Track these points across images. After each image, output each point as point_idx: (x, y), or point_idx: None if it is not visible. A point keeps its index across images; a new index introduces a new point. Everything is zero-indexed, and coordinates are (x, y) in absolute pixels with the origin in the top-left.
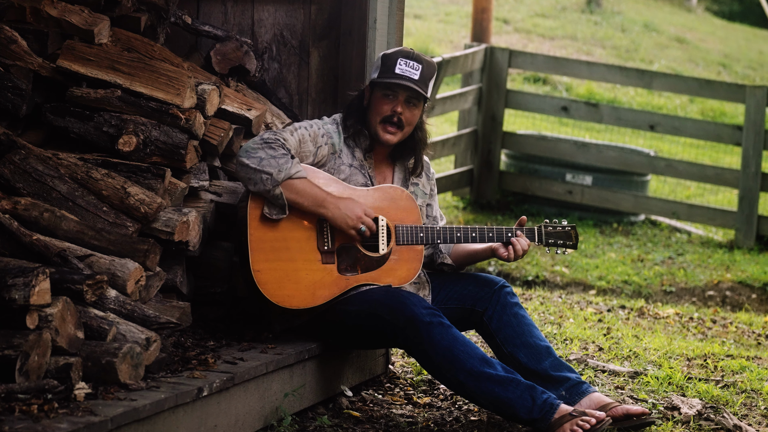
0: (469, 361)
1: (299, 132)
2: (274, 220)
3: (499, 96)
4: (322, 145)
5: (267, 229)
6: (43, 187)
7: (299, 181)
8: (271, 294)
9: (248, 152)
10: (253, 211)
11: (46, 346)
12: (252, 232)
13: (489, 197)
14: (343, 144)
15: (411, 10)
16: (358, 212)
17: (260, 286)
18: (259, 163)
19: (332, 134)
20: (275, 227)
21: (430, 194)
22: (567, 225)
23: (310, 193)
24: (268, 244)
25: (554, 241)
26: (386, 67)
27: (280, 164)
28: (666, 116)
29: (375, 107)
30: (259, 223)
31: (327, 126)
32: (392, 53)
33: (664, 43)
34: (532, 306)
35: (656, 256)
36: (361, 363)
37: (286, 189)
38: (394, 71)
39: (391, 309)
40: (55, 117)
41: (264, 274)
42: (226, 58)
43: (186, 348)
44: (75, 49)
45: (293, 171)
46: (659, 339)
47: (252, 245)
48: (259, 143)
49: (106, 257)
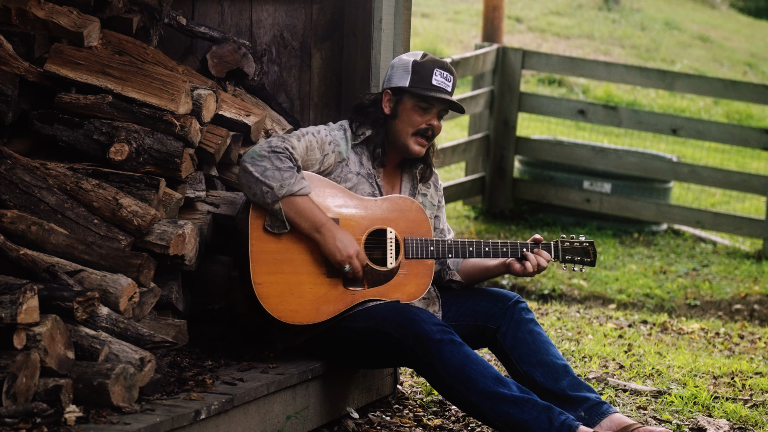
0: (482, 381)
1: (306, 138)
2: (276, 233)
3: (512, 99)
4: (329, 152)
5: (269, 240)
6: (31, 198)
7: (301, 199)
8: (272, 309)
9: (253, 159)
10: (254, 222)
11: (34, 367)
12: (253, 242)
13: (502, 206)
14: (351, 151)
15: (418, 8)
16: (351, 251)
17: (261, 300)
18: (263, 173)
19: (339, 141)
20: (278, 238)
21: (438, 206)
22: (585, 241)
23: (310, 216)
24: (270, 256)
25: (571, 258)
26: (420, 77)
27: (284, 178)
28: (689, 119)
29: (406, 118)
30: (261, 233)
31: (334, 132)
32: (426, 62)
33: (687, 41)
34: (548, 322)
35: (679, 268)
36: (368, 383)
37: (287, 206)
38: (430, 82)
39: (399, 326)
40: (43, 125)
41: (266, 287)
42: (223, 61)
43: (182, 368)
44: (63, 52)
45: (296, 188)
46: (683, 356)
47: (253, 257)
48: (266, 150)
49: (98, 273)
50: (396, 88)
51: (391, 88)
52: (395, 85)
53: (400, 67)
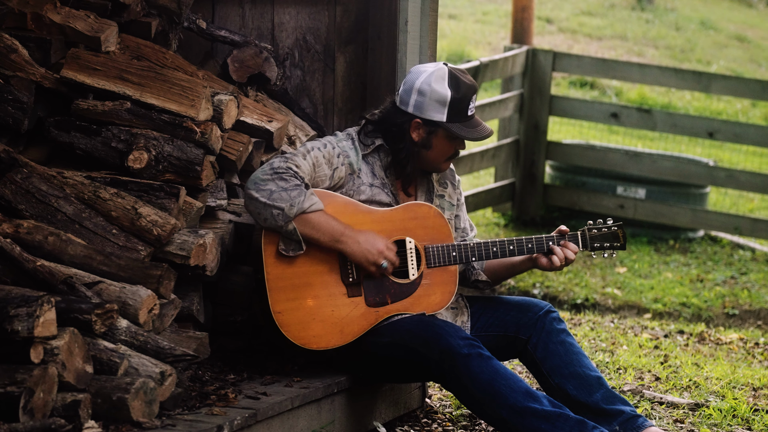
0: (512, 396)
1: (312, 155)
2: (291, 256)
3: (542, 102)
4: (338, 166)
5: (285, 265)
6: (48, 208)
7: (314, 214)
8: (295, 336)
9: (257, 184)
10: (268, 248)
11: (52, 381)
12: (269, 270)
13: (533, 213)
14: (362, 161)
15: (445, 9)
16: (380, 246)
17: (283, 329)
18: (270, 197)
19: (348, 152)
20: (293, 262)
21: (458, 204)
22: (612, 224)
23: (327, 228)
24: (287, 282)
25: (600, 245)
26: (456, 112)
27: (293, 197)
28: (726, 122)
29: (440, 149)
30: (276, 259)
31: (342, 143)
32: (463, 96)
33: (723, 42)
34: (581, 332)
35: (717, 276)
36: (395, 396)
37: (300, 224)
38: (466, 114)
39: (425, 341)
40: (60, 132)
41: (286, 315)
42: (244, 65)
43: (204, 382)
44: (80, 57)
45: (306, 205)
46: (722, 367)
47: (270, 285)
48: (269, 173)
49: (116, 284)
50: (430, 120)
51: (422, 119)
52: (429, 117)
53: (434, 99)
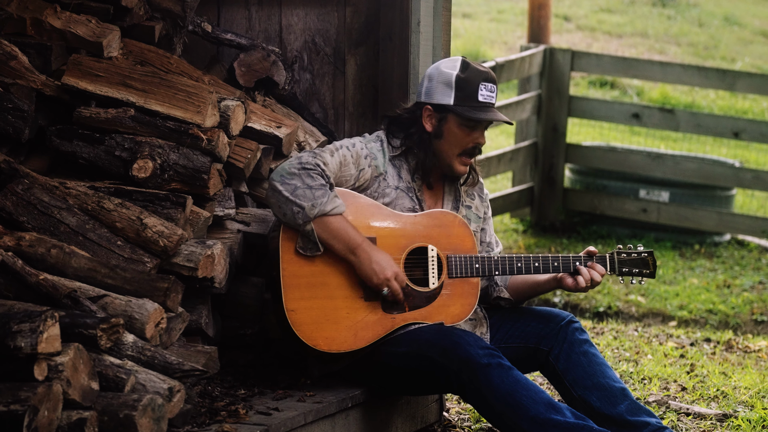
0: (533, 407)
1: (340, 153)
2: (309, 255)
3: (561, 103)
4: (365, 167)
5: (302, 263)
6: (50, 220)
7: (335, 218)
8: (307, 336)
9: (283, 177)
10: (285, 243)
11: (56, 399)
12: (285, 266)
13: (552, 218)
14: (389, 164)
15: (459, 8)
16: (388, 273)
17: (295, 328)
18: (293, 192)
19: (376, 154)
20: (311, 261)
21: (484, 217)
22: (643, 251)
23: (344, 236)
24: (303, 280)
25: (629, 270)
26: (465, 94)
27: (316, 197)
28: (752, 121)
29: (452, 138)
30: (293, 256)
31: (370, 145)
32: (470, 75)
33: (748, 38)
34: (604, 341)
35: (745, 281)
36: (412, 410)
37: (319, 226)
38: (477, 99)
39: (443, 350)
40: (62, 141)
41: (299, 314)
42: (251, 69)
43: (214, 398)
44: (82, 64)
45: (328, 207)
46: (750, 376)
47: (285, 281)
48: (296, 167)
49: (122, 297)
50: (439, 105)
51: (432, 104)
52: (437, 101)
53: (440, 81)
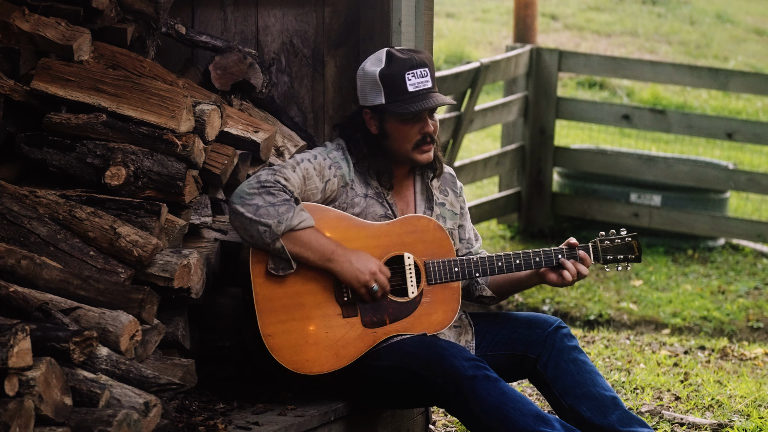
0: (521, 420)
1: (302, 166)
2: (281, 275)
3: (548, 105)
4: (331, 178)
5: (275, 285)
6: (20, 230)
7: (304, 231)
8: (287, 361)
9: (243, 198)
10: (256, 267)
11: (28, 415)
12: (258, 290)
13: (541, 224)
14: (354, 172)
15: (442, 8)
16: (372, 267)
17: (274, 354)
18: (256, 212)
19: (340, 163)
20: (284, 282)
21: (461, 213)
22: (626, 235)
23: (317, 246)
24: (278, 303)
25: (614, 257)
26: (393, 89)
27: (280, 213)
28: (746, 122)
29: (398, 136)
30: (265, 279)
31: (333, 154)
32: (393, 68)
33: (741, 36)
34: (595, 350)
35: (740, 287)
36: (397, 424)
37: (289, 241)
38: (407, 90)
39: (427, 363)
40: (31, 148)
41: (277, 338)
42: (227, 72)
43: (191, 412)
44: (51, 68)
45: (295, 222)
46: (746, 384)
47: (259, 306)
48: (255, 187)
49: (96, 310)
50: (373, 106)
51: (368, 107)
52: (371, 103)
53: (367, 81)
